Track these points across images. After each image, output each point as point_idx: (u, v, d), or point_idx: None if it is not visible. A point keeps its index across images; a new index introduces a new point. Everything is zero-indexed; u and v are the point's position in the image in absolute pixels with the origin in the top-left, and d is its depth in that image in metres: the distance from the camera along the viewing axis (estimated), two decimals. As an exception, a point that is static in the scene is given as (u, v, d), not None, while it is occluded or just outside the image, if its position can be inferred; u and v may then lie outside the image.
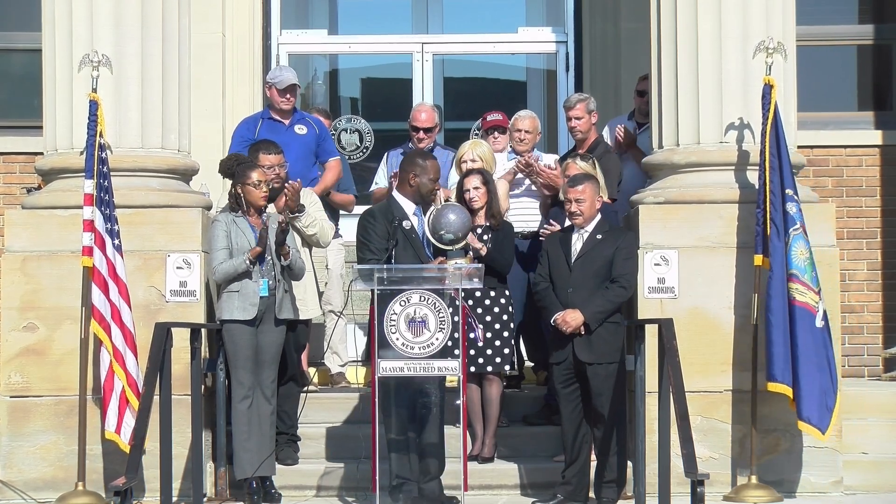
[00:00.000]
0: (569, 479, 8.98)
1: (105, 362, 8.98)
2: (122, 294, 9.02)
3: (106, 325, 8.95)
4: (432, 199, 9.08)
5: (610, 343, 8.94)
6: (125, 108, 9.54)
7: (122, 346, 8.96)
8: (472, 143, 10.26)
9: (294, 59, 13.05)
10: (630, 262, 9.09)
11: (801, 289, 9.11)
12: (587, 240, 9.04)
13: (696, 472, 8.06)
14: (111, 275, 8.99)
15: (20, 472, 9.37)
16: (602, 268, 8.97)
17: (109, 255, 9.01)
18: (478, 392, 9.64)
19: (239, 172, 9.24)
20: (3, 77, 12.79)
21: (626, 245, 9.09)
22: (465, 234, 8.99)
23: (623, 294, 9.00)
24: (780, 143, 9.21)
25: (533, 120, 10.58)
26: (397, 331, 8.29)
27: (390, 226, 8.78)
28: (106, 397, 8.97)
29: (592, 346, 8.91)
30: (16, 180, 12.37)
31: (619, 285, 8.95)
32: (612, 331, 8.97)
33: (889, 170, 12.41)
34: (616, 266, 8.97)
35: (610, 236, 9.07)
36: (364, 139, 13.21)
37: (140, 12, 9.54)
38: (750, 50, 9.54)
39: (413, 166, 8.99)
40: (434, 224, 8.92)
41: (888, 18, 12.77)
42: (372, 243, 8.79)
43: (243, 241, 9.13)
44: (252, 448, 9.08)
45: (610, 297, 8.93)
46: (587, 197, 9.03)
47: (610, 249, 8.99)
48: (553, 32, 13.06)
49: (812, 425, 9.09)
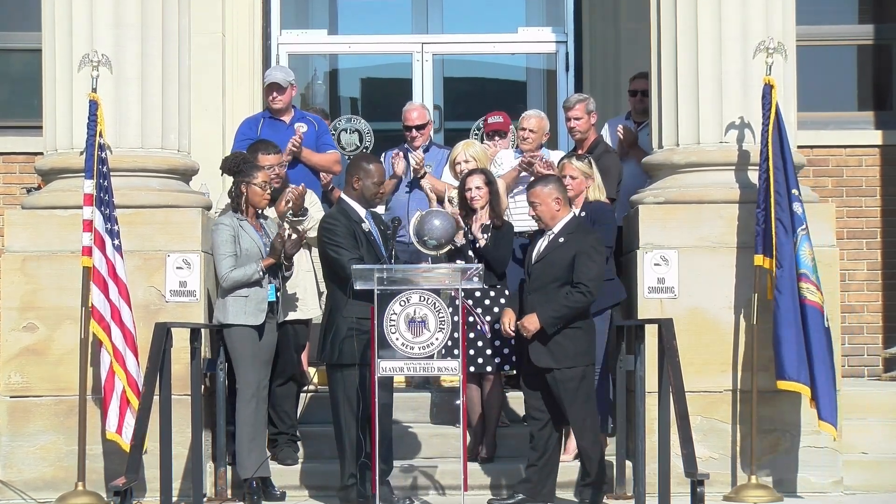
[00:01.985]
0: (529, 477, 8.94)
1: (105, 363, 8.98)
2: (122, 294, 9.02)
3: (105, 326, 8.94)
4: (377, 202, 9.04)
5: (568, 348, 8.78)
6: (125, 108, 9.54)
7: (123, 347, 8.95)
8: (465, 143, 10.27)
9: (294, 59, 13.04)
10: (591, 266, 8.81)
11: (810, 288, 9.11)
12: (549, 242, 8.95)
13: (696, 472, 8.07)
14: (111, 275, 8.98)
15: (20, 472, 9.37)
16: (561, 271, 8.81)
17: (109, 255, 9.01)
18: (478, 392, 9.63)
19: (245, 171, 9.23)
20: (3, 77, 12.79)
21: (587, 248, 8.85)
22: (448, 240, 9.01)
23: (581, 300, 8.74)
24: (783, 143, 9.21)
25: (539, 120, 10.57)
26: (397, 331, 8.29)
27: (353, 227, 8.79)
28: (106, 398, 8.97)
29: (551, 353, 8.78)
30: (16, 180, 12.37)
31: (578, 290, 8.74)
32: (573, 336, 8.80)
33: (889, 170, 12.41)
34: (576, 270, 8.78)
35: (573, 238, 8.88)
36: (364, 139, 13.19)
37: (140, 12, 9.55)
38: (750, 50, 9.54)
39: (357, 170, 8.99)
40: (418, 229, 8.94)
41: (888, 18, 12.77)
42: (345, 242, 8.76)
43: (251, 245, 9.13)
44: (256, 448, 9.08)
45: (567, 303, 8.73)
46: (541, 200, 8.94)
47: (571, 252, 8.83)
48: (553, 32, 13.04)
49: (831, 424, 9.09)
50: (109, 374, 8.96)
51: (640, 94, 10.85)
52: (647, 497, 8.89)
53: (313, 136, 10.66)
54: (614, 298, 9.61)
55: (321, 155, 10.63)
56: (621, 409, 9.48)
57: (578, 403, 8.80)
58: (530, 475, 8.94)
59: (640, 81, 10.90)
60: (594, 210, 9.55)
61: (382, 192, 9.09)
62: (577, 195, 9.60)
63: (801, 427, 9.43)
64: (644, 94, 10.76)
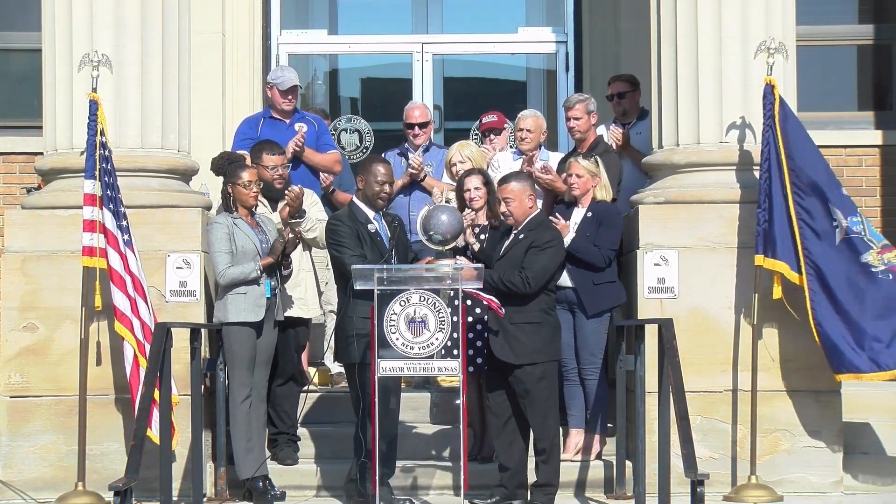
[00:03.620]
0: (503, 483, 8.94)
1: (129, 358, 8.94)
2: (137, 288, 9.01)
3: (128, 322, 8.93)
4: (381, 202, 9.05)
5: (526, 344, 8.77)
6: (125, 108, 9.54)
7: (144, 341, 8.94)
8: (460, 144, 10.29)
9: (294, 59, 13.04)
10: (540, 258, 8.80)
11: None
12: (511, 240, 8.96)
13: (696, 472, 8.07)
14: (126, 270, 8.98)
15: (20, 472, 9.37)
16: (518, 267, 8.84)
17: (122, 251, 9.01)
18: (478, 392, 9.63)
19: (229, 172, 9.26)
20: (3, 77, 12.79)
21: (541, 242, 8.84)
22: (454, 236, 8.98)
23: (517, 283, 8.70)
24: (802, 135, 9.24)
25: (536, 119, 10.58)
26: (397, 331, 8.29)
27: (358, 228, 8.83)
28: (133, 392, 8.92)
29: (512, 348, 8.77)
30: (16, 180, 12.37)
31: (519, 274, 8.71)
32: (530, 331, 8.80)
33: (889, 170, 12.40)
34: (525, 260, 8.78)
35: (532, 235, 8.90)
36: (364, 139, 13.20)
37: (140, 12, 9.55)
38: (750, 50, 9.54)
39: (361, 170, 9.09)
40: (425, 224, 8.92)
41: (888, 18, 12.77)
42: (348, 242, 8.81)
43: (247, 243, 9.13)
44: (253, 448, 9.08)
45: (504, 277, 8.72)
46: (515, 196, 8.95)
47: (526, 246, 8.85)
48: (553, 32, 13.05)
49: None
50: (134, 368, 8.93)
51: (617, 98, 10.91)
52: (647, 497, 8.89)
53: (313, 135, 10.66)
54: (614, 301, 9.61)
55: (322, 155, 10.63)
56: (621, 409, 9.48)
57: (539, 403, 8.79)
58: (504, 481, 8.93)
59: (615, 85, 10.98)
60: (601, 211, 9.55)
61: (387, 192, 9.08)
62: (583, 194, 9.61)
63: (801, 427, 9.43)
64: (620, 96, 10.84)
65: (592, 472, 9.47)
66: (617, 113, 10.99)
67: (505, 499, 8.92)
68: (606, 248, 9.49)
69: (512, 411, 8.90)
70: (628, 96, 10.92)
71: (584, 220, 9.57)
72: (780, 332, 9.41)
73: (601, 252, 9.45)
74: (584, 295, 9.47)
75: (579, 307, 9.50)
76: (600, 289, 9.50)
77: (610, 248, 9.51)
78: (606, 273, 9.52)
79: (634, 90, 10.93)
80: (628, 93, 10.92)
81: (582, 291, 9.47)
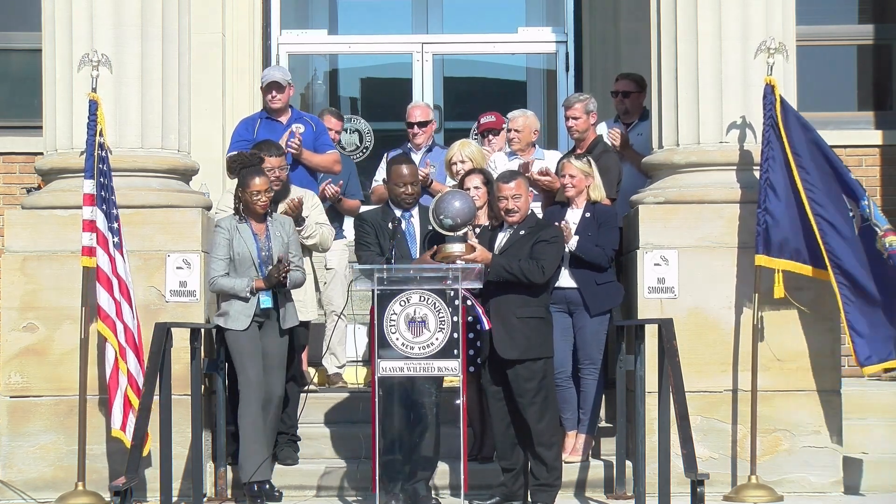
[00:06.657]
0: (505, 482, 8.93)
1: (110, 360, 8.97)
2: (123, 291, 9.01)
3: (111, 323, 8.94)
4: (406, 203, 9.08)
5: (531, 339, 8.76)
6: (125, 108, 9.54)
7: (125, 344, 8.95)
8: (461, 143, 10.26)
9: (294, 59, 13.04)
10: (551, 249, 8.85)
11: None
12: (510, 236, 8.96)
13: (696, 472, 8.07)
14: (113, 272, 8.99)
15: (20, 472, 9.37)
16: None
17: (111, 252, 9.01)
18: (478, 392, 9.62)
19: (241, 178, 9.21)
20: (3, 77, 12.79)
21: (547, 236, 8.87)
22: (465, 221, 8.90)
23: (535, 272, 8.72)
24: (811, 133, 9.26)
25: (525, 118, 10.57)
26: (397, 331, 8.29)
27: (383, 226, 8.88)
28: (111, 394, 8.97)
29: (513, 343, 8.75)
30: (16, 180, 12.37)
31: (537, 264, 8.74)
32: (534, 326, 8.81)
33: (889, 170, 12.41)
34: (537, 253, 8.79)
35: (533, 231, 8.92)
36: (364, 139, 13.20)
37: (140, 12, 9.55)
38: (750, 50, 9.54)
39: (388, 172, 9.20)
40: (437, 208, 8.88)
41: (888, 18, 12.77)
42: (366, 240, 8.93)
43: (244, 249, 9.11)
44: (258, 451, 9.07)
45: (523, 265, 8.72)
46: (523, 193, 8.96)
47: (530, 243, 8.85)
48: (553, 32, 13.06)
49: None
50: (114, 370, 8.96)
51: (621, 95, 10.89)
52: (647, 497, 8.89)
53: (311, 136, 10.64)
54: (615, 301, 9.61)
55: (321, 156, 10.62)
56: (621, 409, 9.48)
57: (538, 401, 8.77)
58: (506, 480, 8.94)
59: (621, 83, 10.95)
60: (599, 213, 9.55)
61: (410, 192, 9.10)
62: (577, 194, 9.61)
63: (801, 427, 9.43)
64: (625, 94, 10.82)
65: (592, 472, 9.47)
66: (619, 111, 10.97)
67: (505, 499, 8.92)
68: (608, 249, 9.50)
69: (512, 411, 8.89)
70: (632, 97, 10.91)
71: (584, 221, 9.57)
72: (780, 332, 9.41)
73: (605, 252, 9.47)
74: (588, 294, 9.47)
75: (582, 307, 9.49)
76: (602, 288, 9.51)
77: (611, 248, 9.52)
78: (607, 273, 9.53)
79: (640, 92, 10.90)
80: (633, 93, 10.90)
81: (585, 291, 9.47)
